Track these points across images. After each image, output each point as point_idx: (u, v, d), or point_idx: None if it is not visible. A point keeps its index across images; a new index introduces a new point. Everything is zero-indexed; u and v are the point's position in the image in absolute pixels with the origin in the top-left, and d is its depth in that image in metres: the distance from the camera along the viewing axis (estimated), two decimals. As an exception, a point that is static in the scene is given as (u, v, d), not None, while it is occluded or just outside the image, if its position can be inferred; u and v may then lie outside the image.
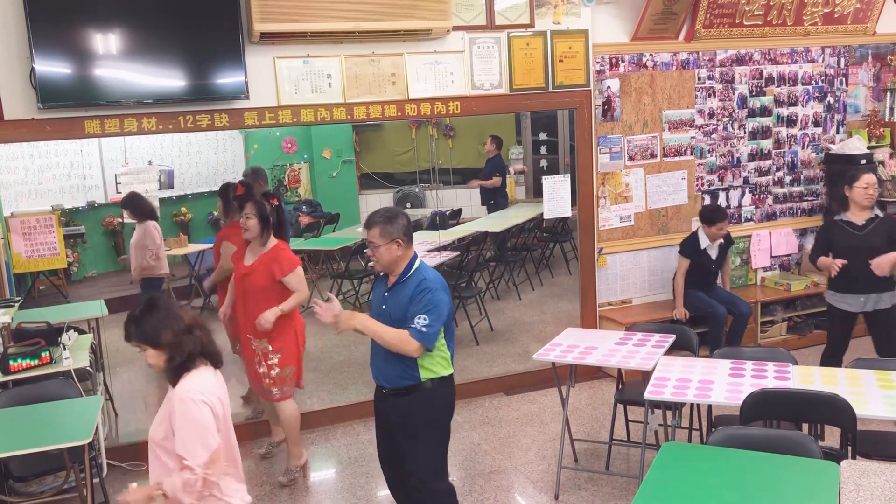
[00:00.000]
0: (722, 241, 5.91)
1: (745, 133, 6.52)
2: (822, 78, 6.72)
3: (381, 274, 3.47)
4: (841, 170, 6.65)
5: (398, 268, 3.35)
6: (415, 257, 3.39)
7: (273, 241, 4.46)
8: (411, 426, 3.40)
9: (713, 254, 5.88)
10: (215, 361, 2.75)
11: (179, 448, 2.58)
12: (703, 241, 5.86)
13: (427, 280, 3.30)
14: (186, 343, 2.65)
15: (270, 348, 4.44)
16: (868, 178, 4.93)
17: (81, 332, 4.93)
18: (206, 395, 2.63)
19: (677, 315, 5.86)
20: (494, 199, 7.46)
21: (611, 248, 6.13)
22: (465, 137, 7.32)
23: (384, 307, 3.36)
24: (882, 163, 6.69)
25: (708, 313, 5.85)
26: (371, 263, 3.41)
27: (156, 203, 5.75)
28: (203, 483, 2.57)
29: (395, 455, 3.51)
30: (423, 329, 3.22)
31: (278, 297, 4.39)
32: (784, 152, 6.69)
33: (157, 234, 5.74)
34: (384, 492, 4.48)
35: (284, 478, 4.62)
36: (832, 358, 5.07)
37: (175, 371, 2.66)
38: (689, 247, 5.89)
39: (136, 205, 5.76)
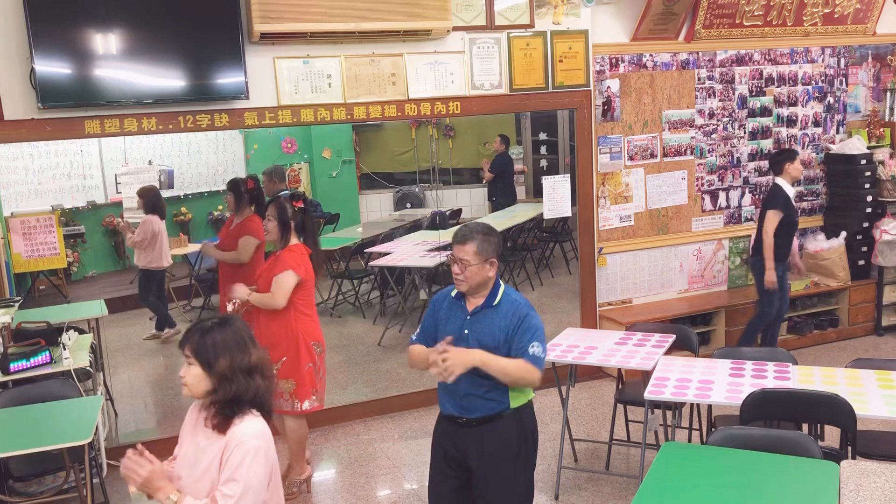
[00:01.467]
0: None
1: (745, 133, 6.53)
2: (822, 78, 6.72)
3: (454, 294, 3.08)
4: (841, 170, 6.69)
5: (485, 289, 3.01)
6: (497, 278, 3.06)
7: (292, 243, 4.29)
8: (496, 462, 3.03)
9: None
10: (266, 415, 2.38)
11: (223, 488, 2.25)
12: (789, 190, 5.49)
13: (521, 304, 3.00)
14: (239, 383, 2.28)
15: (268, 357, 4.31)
16: None
17: (81, 332, 4.93)
18: (265, 444, 2.31)
19: (770, 281, 5.47)
20: (496, 197, 7.47)
21: (611, 248, 6.13)
22: (465, 137, 7.32)
23: (466, 332, 2.98)
24: (882, 163, 6.69)
25: (770, 303, 5.61)
26: (455, 281, 3.03)
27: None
28: None
29: (469, 491, 3.10)
30: (540, 356, 2.93)
31: (289, 301, 4.20)
32: (784, 152, 6.69)
33: (151, 228, 5.77)
34: (384, 492, 4.49)
35: (288, 489, 4.42)
36: None
37: (220, 411, 2.30)
38: (779, 199, 5.45)
39: (148, 197, 5.86)
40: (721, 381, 3.75)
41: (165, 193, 6.28)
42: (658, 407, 4.21)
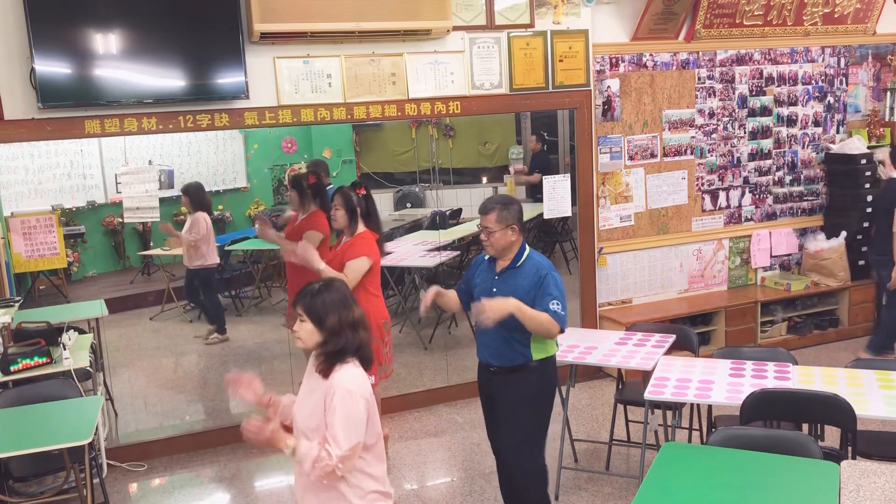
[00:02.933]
0: None
1: (745, 133, 6.52)
2: (822, 78, 6.72)
3: (487, 258, 3.59)
4: (841, 170, 6.69)
5: (510, 253, 3.48)
6: (524, 243, 3.52)
7: (360, 230, 4.46)
8: (516, 404, 3.52)
9: None
10: (365, 365, 2.72)
11: (329, 435, 2.57)
12: None
13: (543, 265, 3.44)
14: (346, 336, 2.64)
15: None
16: None
17: (81, 332, 4.93)
18: (364, 390, 2.63)
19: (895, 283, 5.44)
20: (540, 195, 7.43)
21: (611, 247, 6.13)
22: (465, 137, 7.32)
23: (494, 290, 3.45)
24: (882, 163, 6.69)
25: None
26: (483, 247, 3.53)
27: (155, 203, 5.75)
28: (331, 472, 2.56)
29: (498, 430, 3.67)
30: (562, 312, 3.37)
31: (360, 283, 4.33)
32: (784, 152, 6.69)
33: (203, 225, 5.87)
34: (384, 492, 4.49)
35: None
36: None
37: (326, 359, 2.65)
38: None
39: (194, 193, 5.96)
40: (721, 381, 3.75)
41: (165, 193, 6.29)
42: (658, 407, 4.21)
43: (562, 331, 3.42)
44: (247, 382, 2.76)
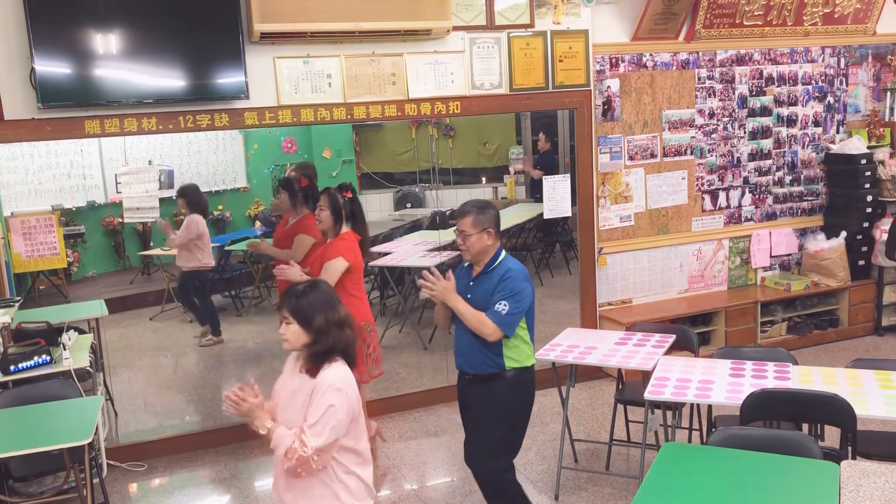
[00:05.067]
0: None
1: (745, 133, 6.53)
2: (822, 78, 6.72)
3: (467, 265, 3.60)
4: (841, 170, 6.69)
5: (486, 257, 3.48)
6: (500, 249, 3.53)
7: (344, 231, 4.49)
8: (485, 412, 3.53)
9: None
10: (351, 363, 2.77)
11: (307, 422, 2.61)
12: None
13: (511, 270, 3.44)
14: (334, 335, 2.68)
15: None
16: None
17: (81, 332, 4.93)
18: (352, 389, 2.68)
19: None
20: (539, 194, 7.42)
21: (611, 248, 6.13)
22: (465, 137, 7.31)
23: (469, 297, 3.47)
24: (882, 163, 6.69)
25: None
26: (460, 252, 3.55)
27: (155, 203, 5.76)
28: (304, 463, 2.59)
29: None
30: (502, 312, 3.37)
31: (340, 284, 4.35)
32: (784, 152, 6.70)
33: (194, 228, 5.87)
34: (384, 492, 4.49)
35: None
36: None
37: (313, 359, 2.69)
38: None
39: (190, 195, 5.96)
40: (721, 382, 3.75)
41: (165, 193, 6.28)
42: (658, 407, 4.21)
43: (506, 336, 3.42)
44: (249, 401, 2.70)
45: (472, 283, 3.52)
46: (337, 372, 2.67)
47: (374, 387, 5.79)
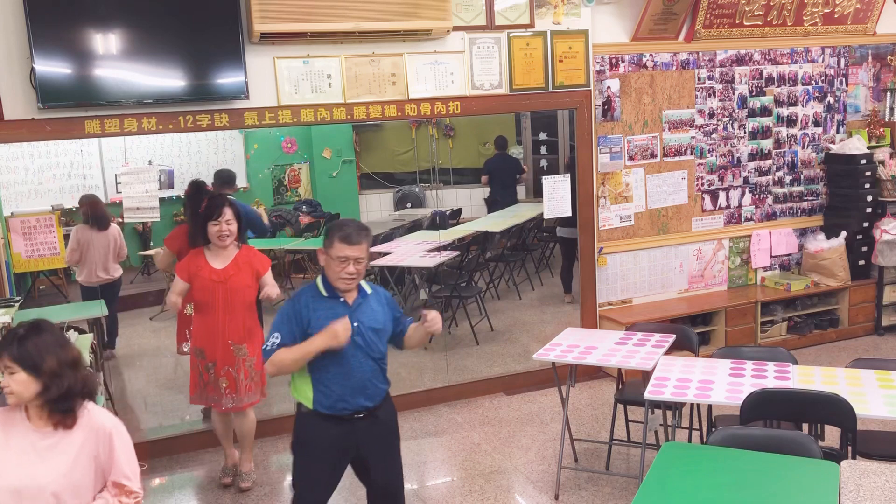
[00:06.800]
0: None
1: (745, 133, 6.53)
2: (822, 78, 6.72)
3: (317, 294, 3.18)
4: (841, 170, 6.69)
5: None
6: None
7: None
8: (389, 433, 3.42)
9: None
10: (92, 398, 2.55)
11: (120, 474, 2.44)
12: None
13: (381, 289, 3.33)
14: (68, 377, 2.39)
15: (248, 352, 4.39)
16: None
17: (81, 332, 4.93)
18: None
19: None
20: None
21: (611, 247, 6.13)
22: (465, 137, 7.31)
23: (356, 324, 3.13)
24: (882, 163, 6.69)
25: None
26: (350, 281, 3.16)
27: (155, 203, 5.75)
28: None
29: (367, 476, 3.44)
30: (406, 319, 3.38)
31: (254, 296, 4.40)
32: (784, 152, 6.70)
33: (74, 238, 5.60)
34: (384, 492, 4.49)
35: (247, 482, 4.58)
36: None
37: (56, 408, 2.40)
38: None
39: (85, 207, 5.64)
40: (721, 381, 3.75)
41: (165, 193, 6.28)
42: (658, 407, 4.21)
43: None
44: None
45: (353, 311, 3.16)
46: (102, 413, 2.49)
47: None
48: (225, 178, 5.76)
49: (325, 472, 3.28)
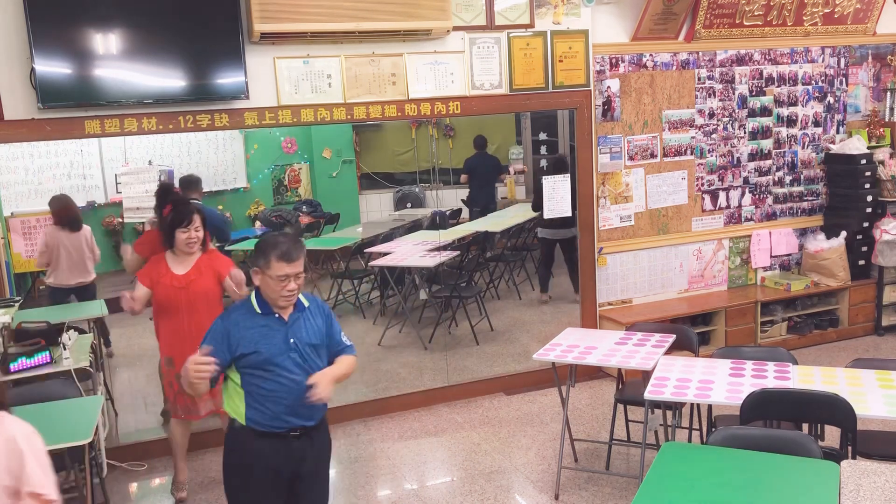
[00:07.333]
0: None
1: (745, 133, 6.53)
2: (822, 78, 6.72)
3: (248, 310, 3.02)
4: (841, 170, 6.69)
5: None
6: None
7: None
8: (323, 459, 3.20)
9: None
10: (5, 408, 2.46)
11: (35, 483, 2.34)
12: None
13: (319, 302, 3.17)
14: None
15: None
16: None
17: (81, 331, 4.93)
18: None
19: None
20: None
21: (611, 248, 6.13)
22: (465, 137, 7.32)
23: (292, 340, 2.99)
24: (882, 163, 6.70)
25: None
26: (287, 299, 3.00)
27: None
28: None
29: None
30: (351, 343, 3.21)
31: (219, 300, 4.30)
32: (784, 152, 6.70)
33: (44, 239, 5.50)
34: (384, 492, 4.50)
35: (183, 492, 4.52)
36: None
37: None
38: None
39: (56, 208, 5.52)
40: (721, 381, 3.75)
41: (165, 193, 6.28)
42: (658, 407, 4.21)
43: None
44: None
45: (290, 327, 3.00)
46: (17, 422, 2.38)
47: (374, 386, 5.80)
48: (191, 182, 5.65)
49: (264, 494, 3.05)
